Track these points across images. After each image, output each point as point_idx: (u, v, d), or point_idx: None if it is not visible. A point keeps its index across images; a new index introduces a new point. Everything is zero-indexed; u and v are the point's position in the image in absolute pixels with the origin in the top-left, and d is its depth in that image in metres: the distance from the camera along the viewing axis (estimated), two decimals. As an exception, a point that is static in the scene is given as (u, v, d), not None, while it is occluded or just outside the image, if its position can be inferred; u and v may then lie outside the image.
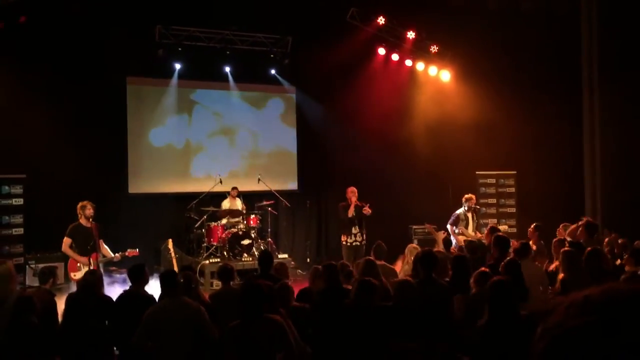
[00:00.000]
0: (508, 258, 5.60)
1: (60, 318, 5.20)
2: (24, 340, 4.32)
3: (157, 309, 4.65)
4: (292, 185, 12.58)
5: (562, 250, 5.63)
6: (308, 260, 11.84)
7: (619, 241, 7.51)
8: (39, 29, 9.89)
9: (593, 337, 0.81)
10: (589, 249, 5.72)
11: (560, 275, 5.33)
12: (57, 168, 10.31)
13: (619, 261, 6.63)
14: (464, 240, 8.37)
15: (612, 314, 0.83)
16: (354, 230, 9.28)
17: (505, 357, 3.48)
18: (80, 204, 7.56)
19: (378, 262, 5.96)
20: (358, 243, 9.25)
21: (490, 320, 3.61)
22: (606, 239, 7.85)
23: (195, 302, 4.67)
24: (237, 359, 3.96)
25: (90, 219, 7.48)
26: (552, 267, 6.31)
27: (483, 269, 5.26)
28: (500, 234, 6.96)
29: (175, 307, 4.59)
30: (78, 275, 7.08)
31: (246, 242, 10.58)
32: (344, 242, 9.32)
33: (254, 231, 10.79)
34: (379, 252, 6.73)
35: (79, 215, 7.51)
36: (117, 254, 7.65)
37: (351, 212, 9.28)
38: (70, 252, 7.40)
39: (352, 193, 9.42)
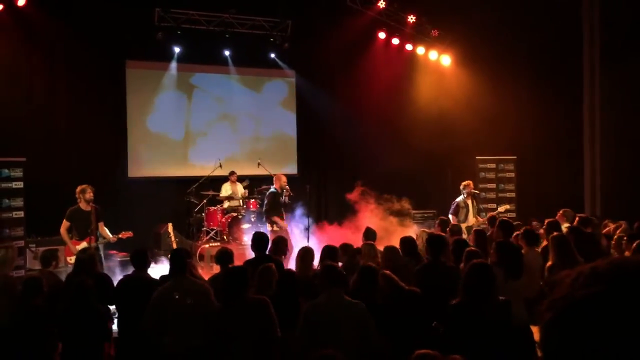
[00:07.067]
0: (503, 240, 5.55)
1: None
2: (29, 323, 4.32)
3: (164, 290, 4.67)
4: (292, 169, 12.57)
5: (550, 236, 5.46)
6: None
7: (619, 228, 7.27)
8: (38, 13, 9.83)
9: (602, 306, 0.81)
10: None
11: (549, 262, 5.18)
12: (56, 151, 10.32)
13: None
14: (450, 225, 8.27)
15: (621, 283, 0.82)
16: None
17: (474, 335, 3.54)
18: (79, 188, 7.56)
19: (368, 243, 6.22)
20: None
21: (464, 300, 3.69)
22: (610, 226, 7.61)
23: (203, 281, 4.68)
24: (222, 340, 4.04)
25: (90, 203, 7.50)
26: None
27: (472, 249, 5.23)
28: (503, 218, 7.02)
29: (183, 288, 4.62)
30: (74, 259, 7.11)
31: (246, 226, 10.61)
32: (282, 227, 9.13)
33: (253, 215, 10.81)
34: (370, 235, 6.82)
35: (79, 199, 7.50)
36: (112, 236, 7.69)
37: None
38: (65, 237, 7.42)
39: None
